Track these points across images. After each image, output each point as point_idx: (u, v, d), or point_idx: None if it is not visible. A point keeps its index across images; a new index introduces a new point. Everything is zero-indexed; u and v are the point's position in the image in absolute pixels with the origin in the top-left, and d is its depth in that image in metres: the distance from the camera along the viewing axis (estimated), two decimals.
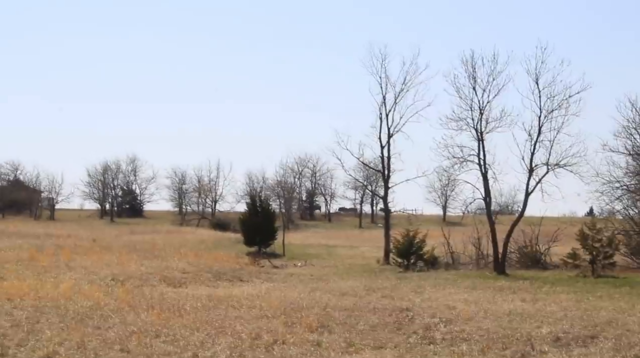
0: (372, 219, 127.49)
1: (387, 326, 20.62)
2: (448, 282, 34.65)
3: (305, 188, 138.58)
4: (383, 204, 56.63)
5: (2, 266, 36.25)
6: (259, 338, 18.36)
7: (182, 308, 23.55)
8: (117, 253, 45.01)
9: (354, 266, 45.94)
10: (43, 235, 64.44)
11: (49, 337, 17.83)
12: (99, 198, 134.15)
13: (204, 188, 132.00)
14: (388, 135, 51.04)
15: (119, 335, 18.36)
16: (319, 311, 23.23)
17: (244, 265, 45.41)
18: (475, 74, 42.24)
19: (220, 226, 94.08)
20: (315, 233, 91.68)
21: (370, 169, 71.14)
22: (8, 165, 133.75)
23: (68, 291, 26.56)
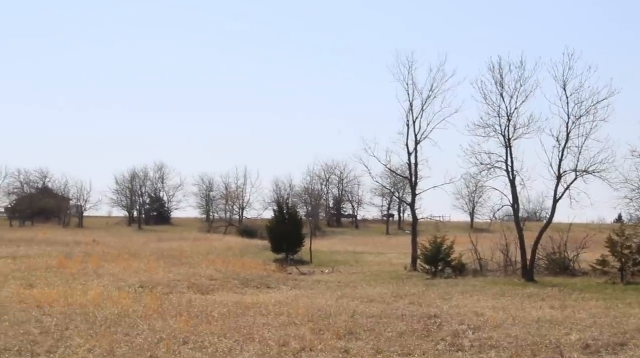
0: (399, 226, 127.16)
1: (414, 333, 20.56)
2: (476, 289, 34.51)
3: (332, 195, 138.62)
4: (410, 211, 56.49)
5: (31, 273, 36.50)
6: (287, 345, 18.37)
7: (210, 315, 23.60)
8: (145, 261, 45.16)
9: (381, 273, 45.83)
10: (71, 243, 64.78)
11: (78, 344, 17.92)
12: (127, 205, 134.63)
13: (231, 195, 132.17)
14: (415, 141, 50.86)
15: (147, 341, 18.43)
16: (347, 318, 23.21)
17: (271, 271, 45.40)
18: (503, 80, 42.11)
19: (247, 233, 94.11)
20: (342, 240, 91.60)
21: (397, 176, 70.99)
22: (37, 173, 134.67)
23: (96, 298, 26.71)
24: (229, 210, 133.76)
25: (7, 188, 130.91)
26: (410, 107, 50.78)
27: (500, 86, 42.12)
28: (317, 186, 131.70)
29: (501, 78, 42.14)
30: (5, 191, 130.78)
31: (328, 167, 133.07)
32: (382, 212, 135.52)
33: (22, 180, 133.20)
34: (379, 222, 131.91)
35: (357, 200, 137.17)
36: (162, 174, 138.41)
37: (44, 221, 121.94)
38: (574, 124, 40.65)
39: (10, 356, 16.85)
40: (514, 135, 42.01)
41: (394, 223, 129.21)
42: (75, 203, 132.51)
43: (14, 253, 49.26)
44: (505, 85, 42.10)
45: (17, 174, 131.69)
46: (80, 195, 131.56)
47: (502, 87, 42.07)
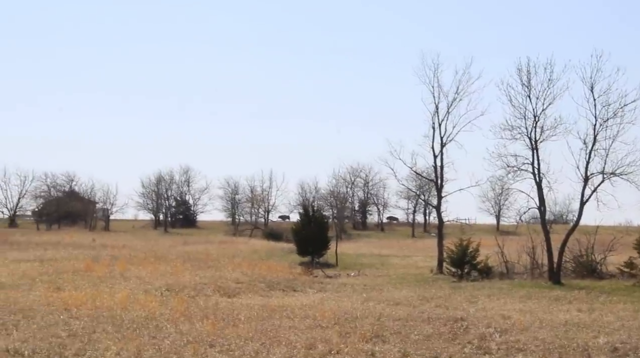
0: (425, 228, 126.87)
1: (441, 336, 20.53)
2: (502, 292, 34.39)
3: (358, 198, 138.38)
4: (436, 214, 56.33)
5: (59, 276, 36.71)
6: (314, 348, 18.38)
7: (236, 318, 23.66)
8: (171, 264, 45.29)
9: (407, 276, 45.74)
10: (98, 246, 65.09)
11: (106, 347, 18.01)
12: (153, 209, 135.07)
13: (256, 199, 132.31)
14: (441, 144, 50.77)
15: (174, 344, 18.50)
16: (373, 321, 23.21)
17: (297, 275, 45.41)
18: (530, 82, 41.94)
19: (273, 236, 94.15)
20: (368, 243, 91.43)
21: (423, 179, 70.92)
22: (63, 177, 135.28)
23: (123, 301, 26.80)
24: (255, 214, 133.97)
25: (35, 192, 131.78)
26: (436, 110, 50.72)
27: (528, 88, 41.98)
28: (342, 189, 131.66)
29: (528, 80, 42.00)
30: (33, 195, 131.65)
31: (353, 170, 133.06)
32: (408, 215, 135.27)
33: (49, 184, 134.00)
34: (404, 225, 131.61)
35: (383, 203, 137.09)
36: (188, 177, 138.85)
37: (70, 224, 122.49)
38: (601, 127, 40.41)
39: None
40: (540, 137, 41.88)
41: (420, 226, 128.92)
42: (102, 206, 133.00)
43: (42, 257, 49.54)
44: (532, 87, 41.96)
45: (44, 177, 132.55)
46: (106, 198, 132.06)
47: (529, 89, 41.92)
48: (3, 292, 29.59)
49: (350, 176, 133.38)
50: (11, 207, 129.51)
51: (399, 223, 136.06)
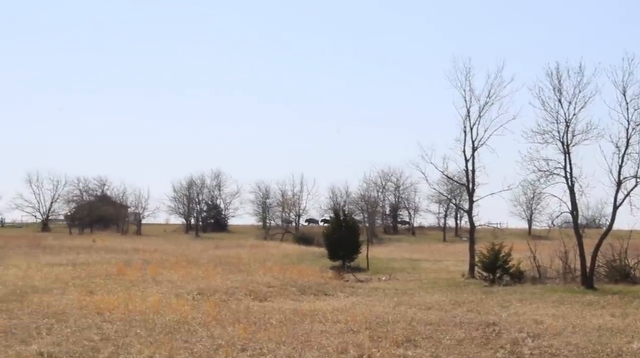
0: (456, 233, 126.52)
1: (473, 341, 20.44)
2: (535, 296, 34.20)
3: (389, 202, 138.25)
4: (468, 218, 56.16)
5: (91, 280, 36.86)
6: (345, 352, 18.37)
7: (268, 322, 23.67)
8: (202, 268, 45.36)
9: (438, 280, 45.64)
10: (130, 250, 65.29)
11: (139, 351, 18.07)
12: (184, 213, 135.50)
13: (287, 203, 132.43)
14: (472, 148, 50.56)
15: (206, 348, 18.54)
16: (405, 325, 23.13)
17: (328, 279, 45.43)
18: (561, 86, 41.71)
19: (304, 240, 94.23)
20: (399, 247, 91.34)
21: (455, 183, 70.66)
22: (96, 181, 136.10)
23: (156, 305, 26.88)
24: (286, 218, 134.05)
25: (67, 196, 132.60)
26: (468, 114, 50.53)
27: (559, 92, 41.75)
28: (373, 193, 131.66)
29: (559, 84, 41.77)
30: (65, 199, 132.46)
31: (384, 174, 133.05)
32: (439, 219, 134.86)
33: (81, 188, 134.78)
34: (436, 229, 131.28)
35: (414, 207, 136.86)
36: (219, 182, 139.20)
37: (102, 229, 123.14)
38: (634, 130, 40.03)
39: None
40: (572, 141, 41.60)
41: (451, 231, 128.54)
42: (134, 211, 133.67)
43: (74, 261, 49.76)
44: (563, 91, 41.72)
45: (77, 182, 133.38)
46: (138, 202, 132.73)
47: (561, 93, 41.69)
48: (36, 295, 29.76)
49: (381, 180, 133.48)
50: (44, 211, 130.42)
51: (430, 227, 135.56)
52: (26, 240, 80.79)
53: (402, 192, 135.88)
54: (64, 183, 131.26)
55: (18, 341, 19.19)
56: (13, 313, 24.54)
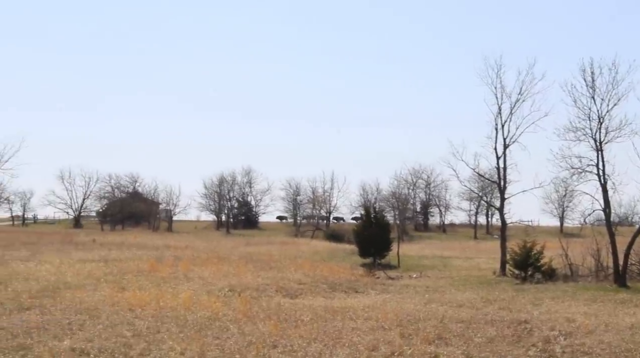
0: (487, 230, 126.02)
1: (505, 339, 20.36)
2: (567, 294, 34.00)
3: (420, 199, 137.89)
4: (499, 215, 55.86)
5: (123, 276, 37.02)
6: (376, 349, 18.35)
7: (299, 319, 23.69)
8: (233, 265, 45.42)
9: (469, 278, 45.50)
10: (162, 247, 65.57)
11: (170, 347, 18.15)
12: (215, 209, 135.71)
13: (318, 200, 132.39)
14: (504, 146, 50.35)
15: (237, 345, 18.57)
16: (436, 323, 23.09)
17: (359, 276, 45.39)
18: (594, 83, 41.46)
19: (334, 237, 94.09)
20: (430, 245, 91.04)
21: (486, 180, 70.37)
22: (127, 178, 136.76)
23: (187, 301, 26.95)
24: (316, 215, 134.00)
25: (99, 192, 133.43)
26: (499, 111, 50.30)
27: (592, 89, 41.51)
28: (404, 190, 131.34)
29: (593, 81, 41.52)
30: (97, 196, 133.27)
31: (415, 171, 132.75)
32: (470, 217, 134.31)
33: (113, 185, 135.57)
34: (466, 227, 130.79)
35: (445, 204, 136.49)
36: (250, 179, 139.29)
37: (134, 225, 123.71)
38: None
39: None
40: (605, 138, 41.37)
41: (482, 228, 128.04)
42: (165, 207, 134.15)
43: (106, 257, 50.02)
44: (596, 88, 41.48)
45: (109, 178, 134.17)
46: (169, 199, 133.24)
47: (594, 90, 41.45)
48: (69, 291, 29.95)
49: (412, 177, 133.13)
50: (76, 208, 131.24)
51: (461, 224, 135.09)
52: (59, 236, 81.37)
53: (432, 189, 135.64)
54: (95, 180, 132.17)
55: (51, 337, 19.31)
56: (46, 309, 24.72)
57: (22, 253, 52.55)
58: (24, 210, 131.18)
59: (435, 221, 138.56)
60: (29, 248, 57.74)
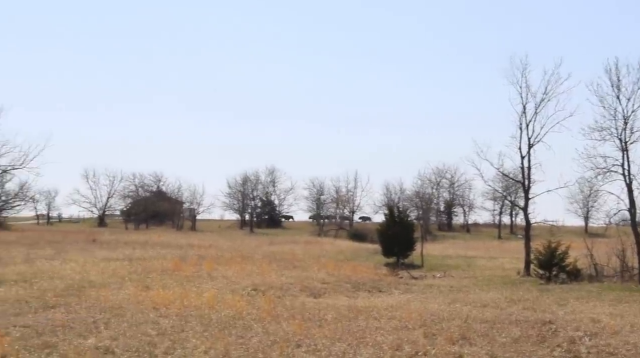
0: (512, 230, 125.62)
1: (529, 339, 20.26)
2: (592, 295, 33.79)
3: (443, 198, 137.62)
4: (523, 215, 55.60)
5: (147, 275, 37.14)
6: (400, 349, 18.30)
7: (322, 318, 23.67)
8: (257, 264, 45.52)
9: (493, 277, 45.35)
10: (185, 246, 65.77)
11: (194, 345, 18.17)
12: (239, 209, 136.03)
13: (341, 199, 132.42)
14: (528, 145, 50.10)
15: (261, 344, 18.58)
16: (460, 323, 23.00)
17: (382, 275, 45.40)
18: (620, 82, 41.28)
19: (358, 237, 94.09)
20: (454, 244, 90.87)
21: (510, 180, 70.12)
22: (151, 177, 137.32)
23: (211, 300, 26.99)
24: (340, 214, 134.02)
25: (123, 191, 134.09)
26: (524, 111, 50.06)
27: (617, 89, 41.38)
28: (428, 190, 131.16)
29: (618, 80, 41.37)
30: (121, 194, 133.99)
31: (439, 171, 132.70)
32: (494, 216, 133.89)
33: (137, 184, 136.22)
34: (490, 226, 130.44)
35: (469, 204, 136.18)
36: (274, 178, 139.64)
37: (158, 224, 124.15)
38: None
39: (130, 357, 17.16)
40: (631, 138, 41.19)
41: (506, 228, 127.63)
42: (189, 206, 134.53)
43: (130, 256, 50.21)
44: (622, 87, 41.31)
45: (133, 177, 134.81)
46: (193, 198, 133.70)
47: (619, 90, 41.32)
48: (94, 290, 30.08)
49: (436, 177, 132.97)
50: (100, 207, 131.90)
51: (485, 224, 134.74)
52: (83, 235, 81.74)
53: (456, 188, 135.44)
54: (120, 178, 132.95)
55: (76, 335, 19.39)
56: (71, 308, 24.84)
57: (47, 252, 52.80)
58: (49, 209, 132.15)
59: (459, 221, 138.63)
60: (54, 247, 58.04)
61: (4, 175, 37.71)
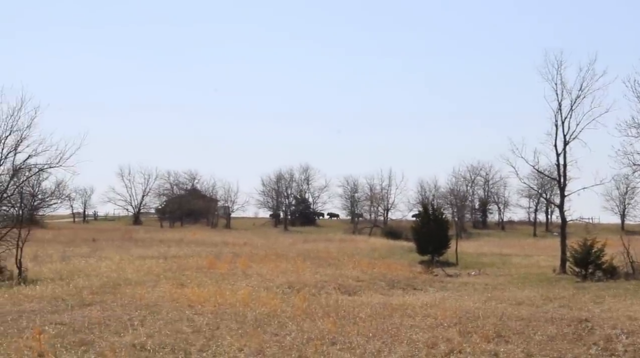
0: (547, 228, 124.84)
1: (565, 337, 20.12)
2: (629, 293, 33.48)
3: (478, 196, 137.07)
4: (559, 213, 55.22)
5: (182, 273, 37.39)
6: (435, 347, 18.27)
7: (357, 316, 23.67)
8: (291, 261, 45.59)
9: (529, 275, 45.06)
10: (220, 243, 66.01)
11: (229, 343, 18.24)
12: (273, 206, 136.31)
13: (376, 197, 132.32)
14: (564, 142, 49.73)
15: (296, 342, 18.62)
16: (495, 320, 22.88)
17: (417, 273, 45.31)
18: None
19: (392, 234, 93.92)
20: (489, 242, 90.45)
21: (545, 177, 69.74)
22: (186, 175, 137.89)
23: (246, 298, 27.09)
24: (374, 212, 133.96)
25: (158, 189, 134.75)
26: (559, 108, 49.66)
27: None
28: (462, 187, 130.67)
29: None
30: (156, 193, 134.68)
31: (473, 169, 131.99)
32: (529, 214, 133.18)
33: (171, 182, 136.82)
34: (525, 224, 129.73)
35: (504, 201, 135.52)
36: (308, 176, 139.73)
37: (192, 222, 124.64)
38: None
39: (165, 354, 17.28)
40: None
41: (542, 225, 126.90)
42: (223, 204, 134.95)
43: (165, 254, 50.52)
44: None
45: (167, 175, 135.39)
46: (227, 196, 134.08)
47: None
48: (129, 288, 30.32)
49: (470, 174, 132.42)
50: (135, 205, 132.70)
51: (520, 222, 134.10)
52: (118, 233, 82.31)
53: (491, 186, 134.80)
54: (155, 176, 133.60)
55: (112, 332, 19.55)
56: (107, 305, 25.06)
57: (83, 249, 53.32)
58: (85, 207, 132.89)
59: (493, 218, 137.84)
60: (90, 245, 58.56)
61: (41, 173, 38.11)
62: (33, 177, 41.13)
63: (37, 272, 36.91)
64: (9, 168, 37.37)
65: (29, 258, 41.46)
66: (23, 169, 38.13)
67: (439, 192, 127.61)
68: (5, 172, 37.40)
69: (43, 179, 63.62)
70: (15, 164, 37.31)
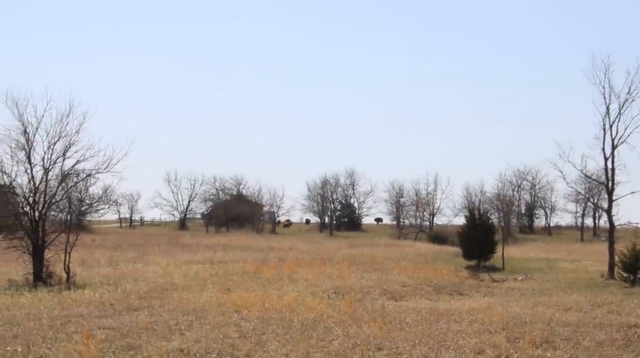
0: (594, 232, 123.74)
1: (614, 343, 19.93)
2: None
3: (524, 201, 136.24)
4: (607, 217, 54.74)
5: (228, 278, 37.53)
6: (482, 353, 18.17)
7: (403, 321, 23.60)
8: (337, 266, 45.60)
9: (576, 280, 44.73)
10: (266, 248, 66.26)
11: (275, 348, 18.24)
12: (318, 211, 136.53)
13: (421, 202, 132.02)
14: (612, 146, 49.26)
15: (342, 347, 18.58)
16: (543, 326, 22.71)
17: (463, 278, 45.12)
18: None
19: (438, 239, 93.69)
20: (535, 247, 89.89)
21: (593, 181, 69.15)
22: (232, 180, 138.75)
23: (292, 303, 27.08)
24: (420, 217, 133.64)
25: (204, 195, 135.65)
26: (607, 111, 49.18)
27: None
28: (508, 192, 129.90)
29: None
30: (202, 198, 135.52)
31: (520, 173, 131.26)
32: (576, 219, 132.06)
33: (217, 187, 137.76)
34: (572, 229, 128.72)
35: (550, 206, 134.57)
36: (353, 181, 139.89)
37: (238, 227, 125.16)
38: None
39: None
40: None
41: (589, 230, 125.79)
42: (269, 209, 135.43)
43: (212, 259, 50.80)
44: None
45: (213, 181, 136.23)
46: (273, 201, 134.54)
47: None
48: (176, 292, 30.49)
49: (517, 179, 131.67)
50: (182, 210, 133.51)
51: (567, 226, 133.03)
52: (165, 238, 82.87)
53: (538, 191, 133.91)
54: (201, 182, 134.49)
55: (159, 337, 19.64)
56: (154, 310, 25.19)
57: (130, 254, 53.73)
58: (132, 212, 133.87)
59: (540, 223, 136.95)
60: (137, 250, 58.96)
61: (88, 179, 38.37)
62: (81, 182, 41.31)
63: (85, 277, 37.30)
64: (57, 173, 37.69)
65: (77, 263, 41.93)
66: (71, 175, 38.46)
67: (485, 196, 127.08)
68: (54, 177, 37.72)
69: (91, 184, 64.07)
70: (64, 170, 37.65)
